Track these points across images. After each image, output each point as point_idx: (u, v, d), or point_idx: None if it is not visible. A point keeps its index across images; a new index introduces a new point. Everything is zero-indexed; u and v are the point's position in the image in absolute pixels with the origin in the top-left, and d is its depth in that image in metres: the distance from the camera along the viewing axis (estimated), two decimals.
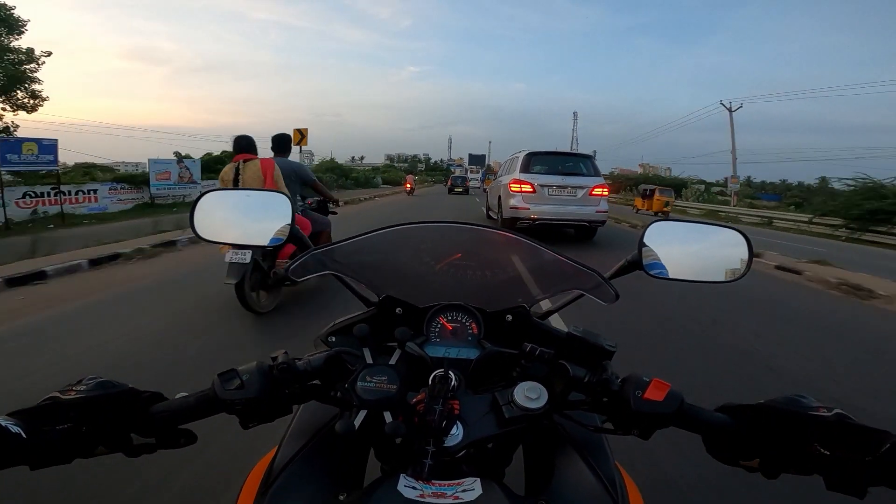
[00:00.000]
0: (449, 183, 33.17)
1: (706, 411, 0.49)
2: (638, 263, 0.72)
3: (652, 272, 0.72)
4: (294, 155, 6.44)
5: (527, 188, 7.35)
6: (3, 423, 0.39)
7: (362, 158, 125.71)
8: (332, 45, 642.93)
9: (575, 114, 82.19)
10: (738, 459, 0.48)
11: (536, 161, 7.78)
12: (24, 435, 0.39)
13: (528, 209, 7.24)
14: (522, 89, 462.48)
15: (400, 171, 66.82)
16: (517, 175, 7.59)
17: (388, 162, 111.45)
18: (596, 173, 7.80)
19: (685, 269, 0.73)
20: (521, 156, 7.88)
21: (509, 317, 0.69)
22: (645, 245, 0.72)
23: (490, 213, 10.43)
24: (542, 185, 7.35)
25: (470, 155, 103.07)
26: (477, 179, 43.28)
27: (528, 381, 0.53)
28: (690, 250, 0.75)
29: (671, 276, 0.72)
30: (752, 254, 0.71)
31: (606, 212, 7.50)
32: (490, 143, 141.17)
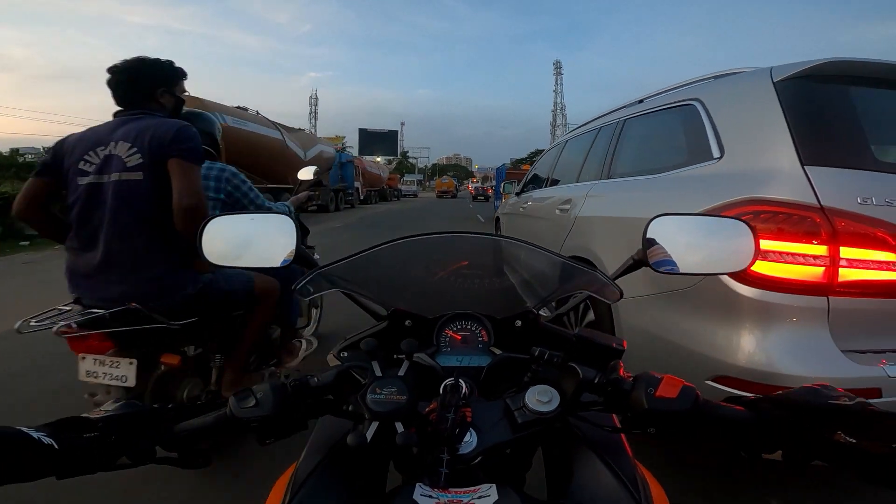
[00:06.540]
0: (472, 192, 28.62)
1: (723, 406, 0.48)
2: (644, 261, 0.72)
3: (660, 268, 0.72)
4: None
5: None
6: (37, 436, 0.40)
7: None
8: (223, 51, 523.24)
9: (557, 63, 64.34)
10: (761, 453, 0.47)
11: None
12: (55, 446, 0.41)
13: None
14: (428, 95, 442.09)
15: None
16: None
17: None
18: None
19: (693, 262, 0.73)
20: None
21: (518, 322, 0.71)
22: (651, 241, 0.72)
23: None
24: None
25: (361, 131, 58.57)
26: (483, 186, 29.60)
27: (540, 385, 0.52)
28: (696, 243, 0.75)
29: (681, 270, 0.72)
30: (757, 242, 0.73)
31: None
32: (403, 124, 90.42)
